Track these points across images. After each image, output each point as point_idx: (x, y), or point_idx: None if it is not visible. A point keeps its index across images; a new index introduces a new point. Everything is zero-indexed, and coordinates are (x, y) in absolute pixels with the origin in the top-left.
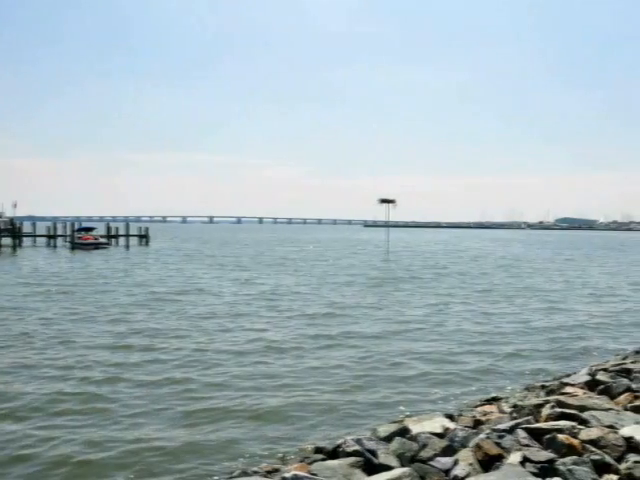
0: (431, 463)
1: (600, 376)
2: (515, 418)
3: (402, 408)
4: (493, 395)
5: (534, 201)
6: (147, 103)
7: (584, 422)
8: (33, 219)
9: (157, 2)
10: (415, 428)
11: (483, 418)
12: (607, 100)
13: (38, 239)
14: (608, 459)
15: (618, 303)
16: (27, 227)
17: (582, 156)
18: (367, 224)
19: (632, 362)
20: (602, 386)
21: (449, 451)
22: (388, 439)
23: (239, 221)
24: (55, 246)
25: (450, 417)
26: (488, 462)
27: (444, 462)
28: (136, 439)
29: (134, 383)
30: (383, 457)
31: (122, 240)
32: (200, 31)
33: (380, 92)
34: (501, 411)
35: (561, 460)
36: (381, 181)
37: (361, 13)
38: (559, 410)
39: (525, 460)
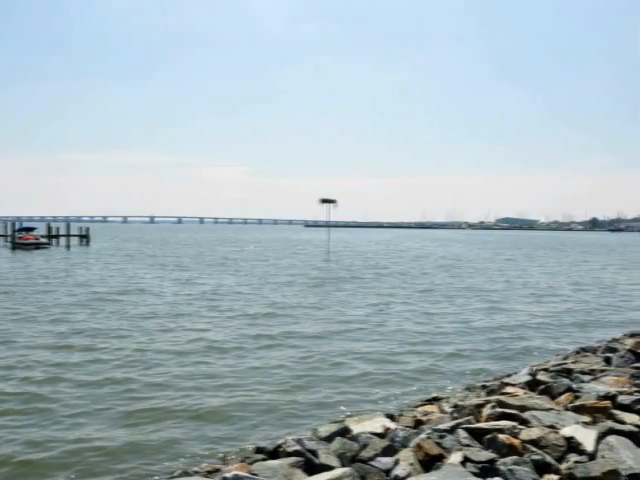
0: (372, 463)
1: (541, 376)
2: (456, 418)
3: (343, 408)
4: (434, 395)
5: (475, 201)
6: (88, 103)
7: (525, 422)
8: None
9: (101, 3)
10: (356, 428)
11: (424, 418)
12: (547, 102)
13: None
14: (549, 459)
15: (559, 303)
16: None
17: (523, 157)
18: (308, 224)
19: (573, 362)
20: (543, 386)
21: (390, 451)
22: (329, 439)
23: (180, 221)
24: None
25: (391, 417)
26: (429, 462)
27: (385, 462)
28: (77, 439)
29: (75, 383)
30: (324, 457)
31: (63, 240)
32: (145, 32)
33: (322, 92)
34: (442, 411)
35: (502, 460)
36: (323, 181)
37: (301, 13)
38: (500, 410)
39: (466, 460)
